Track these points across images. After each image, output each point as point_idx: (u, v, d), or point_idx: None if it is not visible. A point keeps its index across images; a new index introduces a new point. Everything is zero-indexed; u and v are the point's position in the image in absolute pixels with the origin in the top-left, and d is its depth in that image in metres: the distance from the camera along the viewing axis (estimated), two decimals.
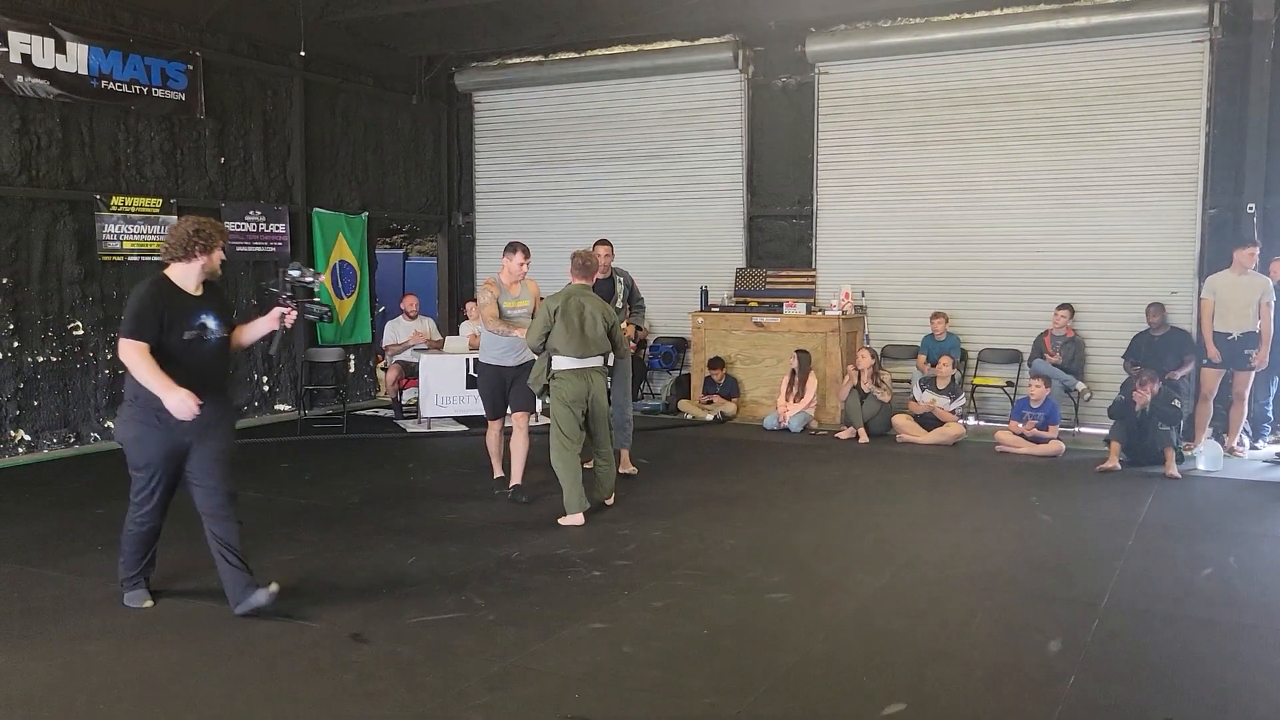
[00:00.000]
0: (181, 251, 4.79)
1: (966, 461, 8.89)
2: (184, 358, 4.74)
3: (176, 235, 4.82)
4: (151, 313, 4.68)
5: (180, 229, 4.83)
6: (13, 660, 4.40)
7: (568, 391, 6.69)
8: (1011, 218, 10.69)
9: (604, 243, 8.16)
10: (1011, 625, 4.89)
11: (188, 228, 4.81)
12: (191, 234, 4.77)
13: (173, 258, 4.82)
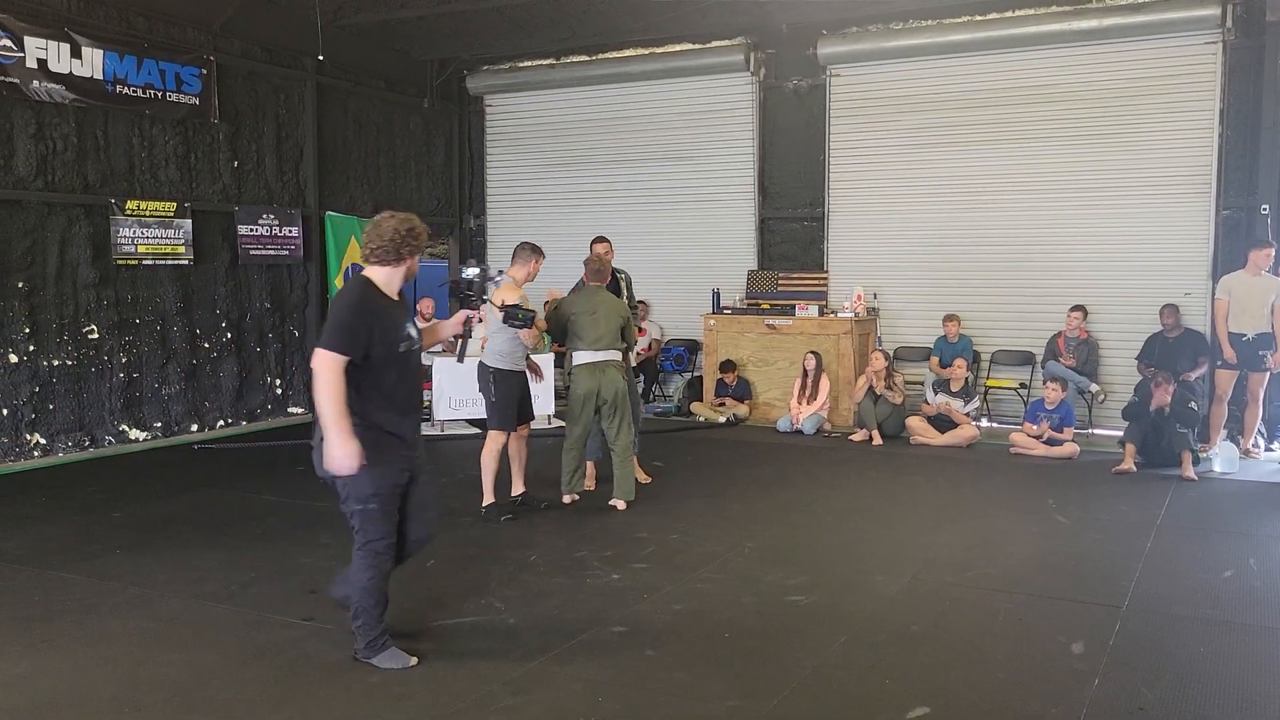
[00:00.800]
0: (391, 253, 4.26)
1: (981, 463, 8.88)
2: (401, 371, 4.27)
3: (383, 234, 4.26)
4: (363, 322, 4.13)
5: (387, 227, 4.27)
6: (36, 663, 4.41)
7: (579, 385, 7.08)
8: (1023, 219, 10.67)
9: (602, 240, 8.03)
10: (1033, 627, 4.88)
11: (398, 226, 4.27)
12: (404, 233, 4.26)
13: (379, 260, 4.27)
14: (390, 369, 4.20)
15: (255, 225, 10.84)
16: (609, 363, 7.07)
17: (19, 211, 8.79)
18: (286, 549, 6.17)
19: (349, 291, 4.29)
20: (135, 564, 5.87)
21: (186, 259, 10.13)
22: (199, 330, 10.35)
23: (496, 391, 6.91)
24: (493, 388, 6.91)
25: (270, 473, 8.52)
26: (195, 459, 9.20)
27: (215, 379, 10.54)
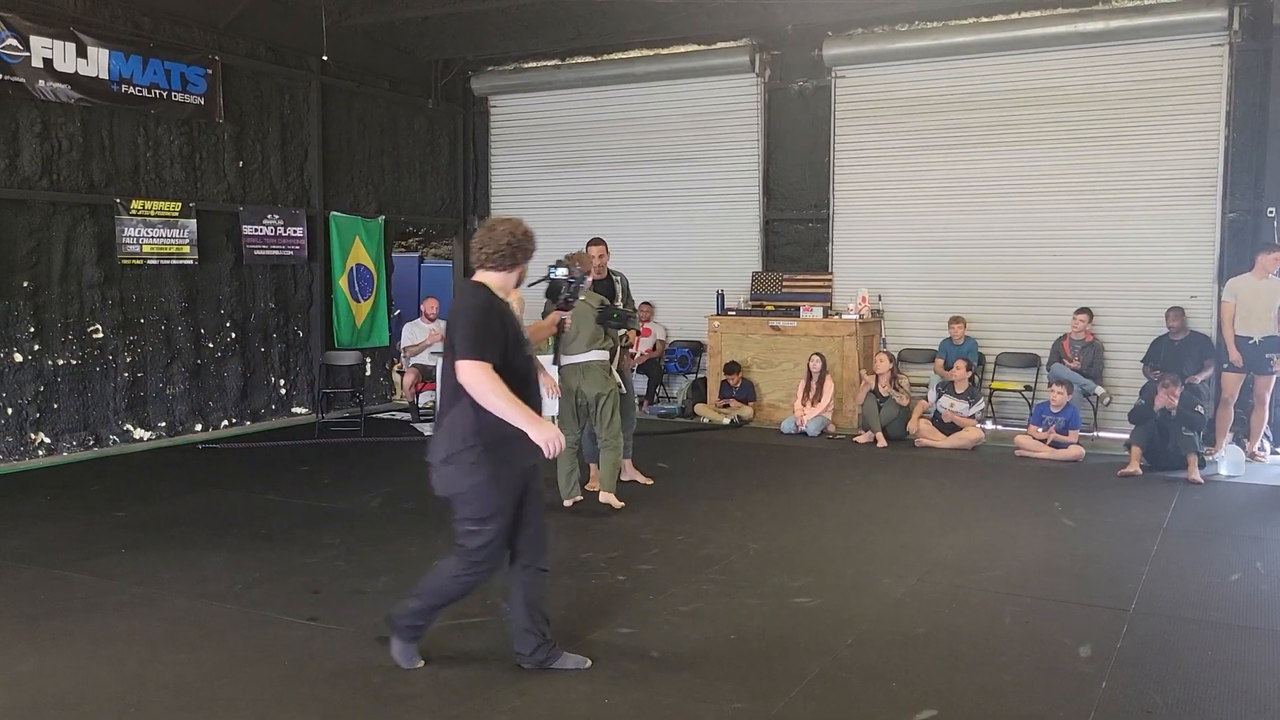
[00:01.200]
0: (508, 258, 4.15)
1: (986, 466, 8.86)
2: (524, 376, 4.12)
3: (498, 239, 4.14)
4: (498, 326, 4.03)
5: (502, 231, 4.16)
6: (43, 662, 4.40)
7: (564, 386, 7.13)
8: (1029, 221, 10.65)
9: (598, 242, 7.93)
10: (1040, 630, 4.86)
11: (513, 230, 4.18)
12: (520, 237, 4.16)
13: (495, 265, 4.15)
14: (516, 374, 4.07)
15: (260, 225, 10.84)
16: (591, 364, 7.03)
17: (24, 211, 8.79)
18: (290, 549, 6.16)
19: (472, 296, 4.11)
20: (139, 563, 5.86)
21: (191, 259, 10.13)
22: (203, 330, 10.35)
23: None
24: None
25: (274, 473, 8.52)
26: (199, 459, 9.20)
27: (219, 379, 10.54)
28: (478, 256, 4.18)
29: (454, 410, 4.04)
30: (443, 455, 4.07)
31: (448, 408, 4.10)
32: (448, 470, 4.06)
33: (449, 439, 4.05)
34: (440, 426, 4.13)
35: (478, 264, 4.20)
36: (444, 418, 4.11)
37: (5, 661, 4.40)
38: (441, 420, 4.13)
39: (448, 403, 4.11)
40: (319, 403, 11.19)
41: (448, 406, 4.10)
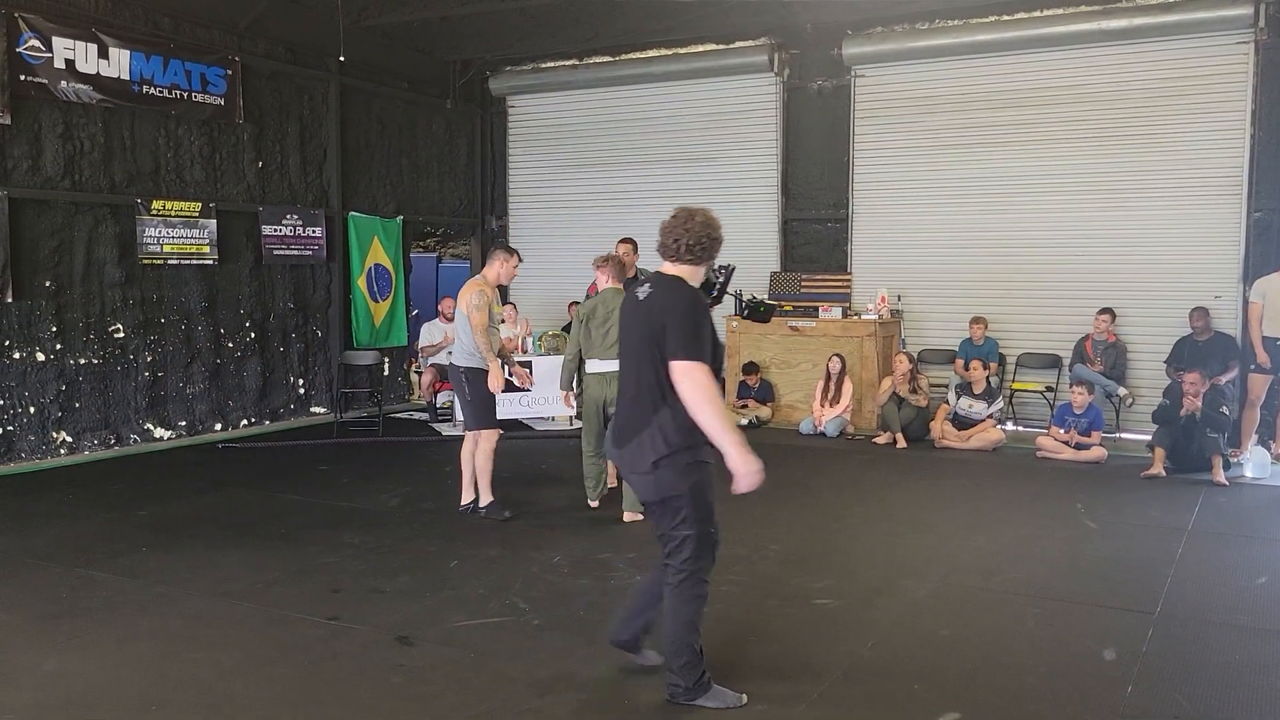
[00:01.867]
0: (708, 250, 3.97)
1: (1007, 467, 8.79)
2: (716, 379, 3.89)
3: (697, 229, 3.94)
4: (708, 326, 3.84)
5: (700, 220, 3.96)
6: (65, 661, 4.42)
7: (588, 395, 6.88)
8: (1051, 221, 10.57)
9: (627, 241, 7.96)
10: (1063, 633, 4.81)
11: (711, 220, 3.99)
12: (718, 228, 4.00)
13: (693, 257, 3.96)
14: (716, 373, 3.88)
15: (279, 225, 10.87)
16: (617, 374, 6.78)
17: (47, 211, 8.84)
18: (310, 548, 6.17)
19: (682, 294, 3.86)
20: (160, 562, 5.88)
21: (211, 259, 10.17)
22: (223, 330, 10.39)
23: (471, 391, 6.82)
24: (466, 387, 6.84)
25: (293, 472, 8.54)
26: (219, 458, 9.23)
27: (239, 378, 10.58)
28: (673, 248, 3.94)
29: (658, 412, 3.80)
30: (654, 458, 3.80)
31: (648, 410, 3.83)
32: (663, 474, 3.80)
33: (660, 441, 3.79)
34: (632, 431, 3.87)
35: (672, 255, 3.96)
36: (641, 420, 3.84)
37: (29, 660, 4.42)
38: (634, 424, 3.87)
39: (646, 404, 3.84)
40: (337, 402, 11.22)
41: (647, 409, 3.83)
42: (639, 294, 3.99)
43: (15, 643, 4.62)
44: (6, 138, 8.48)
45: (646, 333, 3.84)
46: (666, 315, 3.79)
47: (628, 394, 4.00)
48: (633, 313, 4.01)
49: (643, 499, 4.00)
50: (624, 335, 4.10)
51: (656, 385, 3.81)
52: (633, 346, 3.96)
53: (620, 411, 4.05)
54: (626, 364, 4.04)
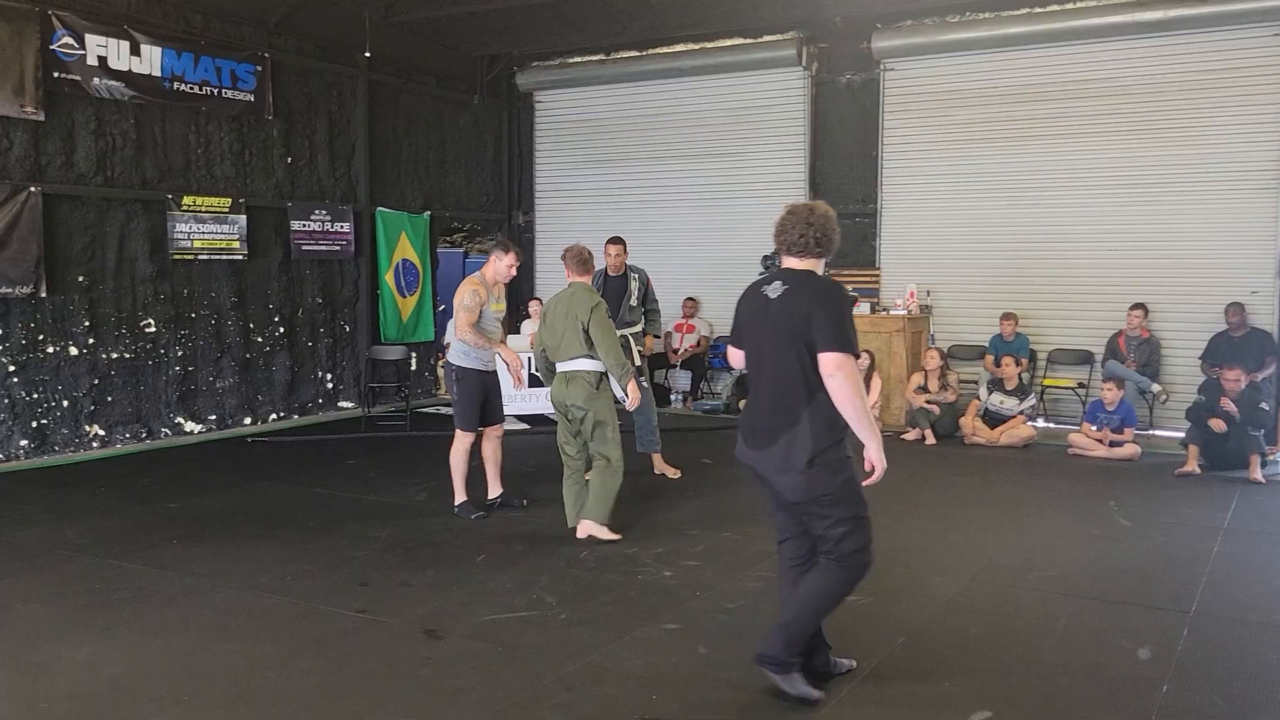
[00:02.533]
0: (833, 245, 3.92)
1: (1038, 464, 8.71)
2: None
3: (822, 224, 3.88)
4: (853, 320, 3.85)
5: (821, 214, 3.91)
6: (98, 651, 4.46)
7: (552, 397, 6.37)
8: (1084, 215, 10.45)
9: (616, 241, 7.96)
10: (1096, 632, 4.75)
11: (831, 212, 3.95)
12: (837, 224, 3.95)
13: (820, 251, 3.90)
14: None
15: (307, 221, 10.93)
16: (576, 375, 6.17)
17: (80, 207, 8.93)
18: (338, 542, 6.20)
19: (833, 290, 3.86)
20: (191, 554, 5.92)
21: (241, 254, 10.24)
22: (252, 324, 10.46)
23: (459, 390, 6.73)
24: (455, 386, 6.77)
25: (322, 466, 8.58)
26: (249, 452, 9.29)
27: (268, 373, 10.65)
28: (801, 243, 3.87)
29: (806, 410, 3.76)
30: (808, 457, 3.76)
31: (794, 408, 3.78)
32: (816, 473, 3.77)
33: (809, 440, 3.75)
34: (775, 431, 3.82)
35: (800, 250, 3.89)
36: (786, 420, 3.80)
37: (62, 649, 4.46)
38: (777, 425, 3.82)
39: (791, 403, 3.79)
40: (365, 397, 11.27)
41: (793, 407, 3.78)
42: (768, 292, 3.89)
43: (49, 632, 4.67)
44: (40, 134, 8.57)
45: (787, 329, 3.78)
46: (814, 309, 3.74)
47: (763, 395, 3.92)
48: (762, 311, 3.91)
49: (791, 499, 3.89)
50: (751, 335, 3.97)
51: (803, 383, 3.77)
52: (767, 346, 3.87)
53: (755, 413, 3.96)
54: (756, 365, 3.94)
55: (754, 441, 3.94)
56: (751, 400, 4.06)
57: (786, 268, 3.96)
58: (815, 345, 3.72)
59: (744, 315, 4.07)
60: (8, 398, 8.46)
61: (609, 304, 7.67)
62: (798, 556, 4.09)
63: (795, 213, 3.94)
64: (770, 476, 3.90)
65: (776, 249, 4.01)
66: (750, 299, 4.04)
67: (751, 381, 4.03)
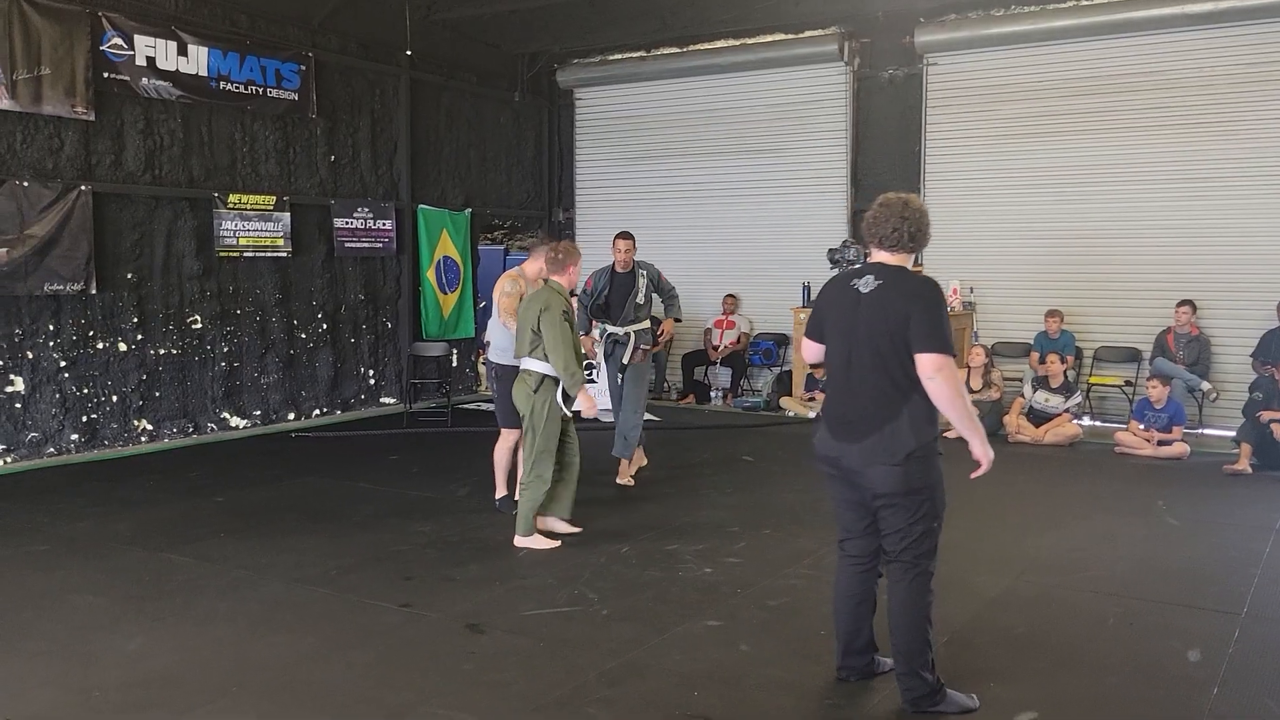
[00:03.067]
0: (926, 239, 3.88)
1: (1085, 463, 8.60)
2: None
3: (916, 218, 3.82)
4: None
5: (915, 209, 3.84)
6: (150, 641, 4.53)
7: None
8: (1130, 211, 10.30)
9: (625, 236, 7.72)
10: (1145, 632, 4.69)
11: (924, 206, 3.89)
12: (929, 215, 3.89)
13: (914, 245, 3.86)
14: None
15: (350, 218, 11.04)
16: (525, 374, 5.97)
17: (128, 205, 9.08)
18: (382, 536, 6.25)
19: (930, 288, 3.78)
20: (238, 547, 6.01)
21: (285, 251, 10.36)
22: (296, 321, 10.58)
23: (498, 387, 6.71)
24: (495, 384, 6.80)
25: (365, 461, 8.66)
26: (293, 447, 9.41)
27: (311, 369, 10.76)
28: (893, 237, 3.81)
29: (906, 404, 3.72)
30: (907, 451, 3.72)
31: (894, 402, 3.73)
32: (914, 467, 3.73)
33: (910, 434, 3.72)
34: (873, 424, 3.76)
35: (893, 245, 3.83)
36: (885, 413, 3.74)
37: (114, 640, 4.54)
38: (874, 418, 3.76)
39: (890, 397, 3.74)
40: (407, 393, 11.36)
41: (892, 401, 3.73)
42: (859, 287, 3.81)
43: (101, 622, 4.76)
44: (91, 133, 8.72)
45: (883, 326, 3.72)
46: (911, 307, 3.68)
47: (855, 389, 3.83)
48: (852, 306, 3.82)
49: (882, 490, 3.78)
50: (838, 330, 3.88)
51: (903, 377, 3.71)
52: (860, 341, 3.79)
53: (846, 406, 3.86)
54: (844, 360, 3.84)
55: (845, 434, 3.85)
56: (839, 394, 3.93)
57: (878, 262, 3.88)
58: (912, 345, 3.67)
59: (829, 308, 3.96)
60: (59, 393, 8.63)
61: (614, 301, 7.64)
62: (864, 555, 4.02)
63: (889, 206, 3.86)
64: (860, 469, 3.81)
65: (865, 241, 3.95)
66: (837, 292, 3.94)
67: (838, 376, 3.92)
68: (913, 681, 3.83)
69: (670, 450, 9.14)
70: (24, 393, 8.42)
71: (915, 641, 3.82)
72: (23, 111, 8.21)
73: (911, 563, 3.83)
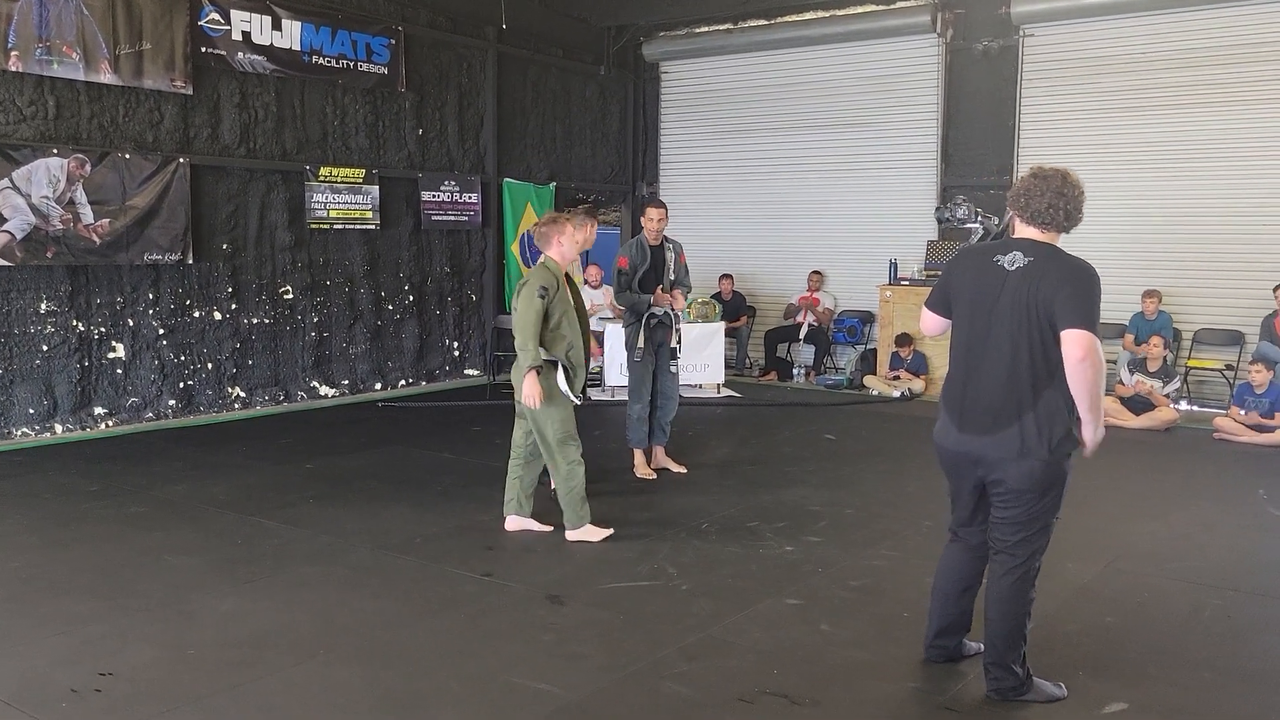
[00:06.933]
0: (1079, 220, 3.67)
1: (1181, 449, 8.32)
2: None
3: (1075, 196, 3.65)
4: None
5: (1073, 184, 3.66)
6: (241, 602, 4.67)
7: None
8: (1234, 188, 9.88)
9: (656, 204, 7.15)
10: (1242, 627, 4.52)
11: (1080, 184, 3.69)
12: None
13: (1071, 225, 3.65)
14: None
15: (437, 192, 11.16)
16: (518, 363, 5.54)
17: (224, 177, 9.30)
18: (465, 506, 6.34)
19: (1086, 270, 3.53)
20: (326, 514, 6.15)
21: (373, 224, 10.52)
22: (383, 293, 10.75)
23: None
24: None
25: (448, 432, 8.79)
26: (379, 416, 9.59)
27: (398, 340, 10.94)
28: (1048, 214, 3.60)
29: (1049, 391, 3.51)
30: (1052, 443, 3.54)
31: (1033, 389, 3.52)
32: (1052, 463, 3.56)
33: (1055, 424, 3.53)
34: (1010, 414, 3.55)
35: (1047, 223, 3.62)
36: (1023, 402, 3.53)
37: (208, 600, 4.69)
38: (1012, 406, 3.55)
39: (1029, 384, 3.53)
40: (490, 365, 11.48)
41: (1032, 388, 3.52)
42: (1004, 263, 3.58)
43: (197, 583, 4.91)
44: (189, 107, 8.94)
45: (1031, 306, 3.49)
46: (1063, 287, 3.45)
47: (990, 374, 3.59)
48: (996, 283, 3.58)
49: (1015, 486, 3.59)
50: (975, 307, 3.65)
51: (1044, 364, 3.49)
52: (1002, 321, 3.55)
53: (977, 394, 3.63)
54: (981, 340, 3.62)
55: (975, 425, 3.63)
56: (969, 379, 3.67)
57: (1027, 238, 3.63)
58: (1059, 323, 3.42)
59: (966, 284, 3.69)
60: (158, 359, 8.91)
61: (649, 278, 6.94)
62: (980, 543, 3.88)
63: (1046, 179, 3.62)
64: (995, 463, 3.60)
65: (1011, 215, 3.72)
66: (977, 267, 3.68)
67: (969, 357, 3.67)
68: (1001, 673, 3.74)
69: (752, 427, 9.09)
70: (125, 359, 8.72)
71: (1012, 635, 3.71)
72: (125, 85, 8.45)
73: (1022, 557, 3.70)
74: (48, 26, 7.93)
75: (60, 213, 8.11)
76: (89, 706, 3.67)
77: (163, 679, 3.88)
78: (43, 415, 8.22)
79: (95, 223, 8.32)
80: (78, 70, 8.14)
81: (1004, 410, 3.56)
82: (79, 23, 8.10)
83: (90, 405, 8.51)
